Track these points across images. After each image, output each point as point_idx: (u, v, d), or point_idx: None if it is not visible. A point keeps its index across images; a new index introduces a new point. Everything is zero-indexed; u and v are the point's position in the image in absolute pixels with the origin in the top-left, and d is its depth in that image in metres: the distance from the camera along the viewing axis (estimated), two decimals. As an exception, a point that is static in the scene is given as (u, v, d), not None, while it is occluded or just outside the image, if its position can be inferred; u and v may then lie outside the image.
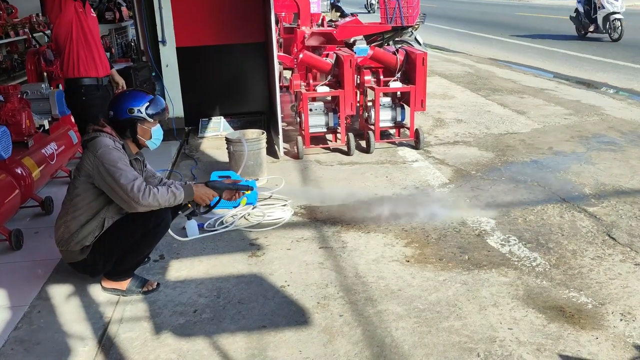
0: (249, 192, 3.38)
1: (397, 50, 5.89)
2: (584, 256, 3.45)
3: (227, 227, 4.00)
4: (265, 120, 6.48)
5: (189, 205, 3.17)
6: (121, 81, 4.40)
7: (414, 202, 4.34)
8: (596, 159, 5.21)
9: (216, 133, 6.41)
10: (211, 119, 6.55)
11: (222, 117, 6.56)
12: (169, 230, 3.51)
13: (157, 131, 3.17)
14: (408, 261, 3.45)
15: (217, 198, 3.25)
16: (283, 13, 9.09)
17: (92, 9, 4.21)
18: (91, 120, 3.80)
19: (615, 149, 5.47)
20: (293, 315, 2.93)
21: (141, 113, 3.06)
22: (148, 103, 3.08)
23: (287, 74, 7.88)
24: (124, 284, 3.15)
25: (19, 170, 4.03)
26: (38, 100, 4.92)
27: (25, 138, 4.32)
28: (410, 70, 5.66)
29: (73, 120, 4.55)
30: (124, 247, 3.07)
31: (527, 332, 2.72)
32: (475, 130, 6.36)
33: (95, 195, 2.98)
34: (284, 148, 5.70)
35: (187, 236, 3.83)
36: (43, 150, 4.48)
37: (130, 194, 2.85)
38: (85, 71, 4.05)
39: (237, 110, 6.60)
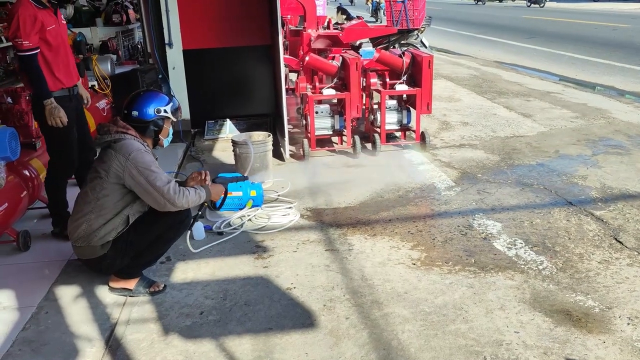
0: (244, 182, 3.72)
1: (403, 53, 5.89)
2: (590, 260, 3.44)
3: (233, 229, 4.01)
4: (271, 122, 6.49)
5: (206, 204, 3.27)
6: (85, 94, 4.07)
7: (420, 205, 4.34)
8: (603, 162, 5.19)
9: (222, 135, 6.43)
10: (217, 121, 6.57)
11: (228, 120, 6.57)
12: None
13: (170, 129, 3.32)
14: (414, 264, 3.45)
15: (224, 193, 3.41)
16: (289, 16, 9.10)
17: (62, 16, 3.85)
18: (64, 133, 3.65)
19: (622, 153, 5.45)
20: (299, 317, 2.94)
21: (167, 112, 3.18)
22: (171, 102, 3.22)
23: (293, 76, 7.89)
24: (132, 283, 3.18)
25: (27, 172, 4.06)
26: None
27: (33, 140, 4.35)
28: (416, 73, 5.67)
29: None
30: (146, 241, 3.14)
31: (533, 336, 2.72)
32: (481, 133, 6.35)
33: (122, 194, 3.06)
34: (290, 150, 5.71)
35: (193, 238, 3.85)
36: (51, 152, 4.50)
37: (166, 196, 2.98)
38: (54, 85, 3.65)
39: (243, 112, 6.62)
